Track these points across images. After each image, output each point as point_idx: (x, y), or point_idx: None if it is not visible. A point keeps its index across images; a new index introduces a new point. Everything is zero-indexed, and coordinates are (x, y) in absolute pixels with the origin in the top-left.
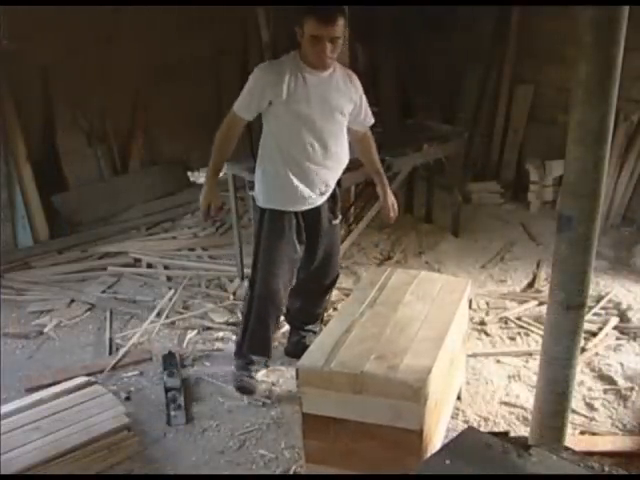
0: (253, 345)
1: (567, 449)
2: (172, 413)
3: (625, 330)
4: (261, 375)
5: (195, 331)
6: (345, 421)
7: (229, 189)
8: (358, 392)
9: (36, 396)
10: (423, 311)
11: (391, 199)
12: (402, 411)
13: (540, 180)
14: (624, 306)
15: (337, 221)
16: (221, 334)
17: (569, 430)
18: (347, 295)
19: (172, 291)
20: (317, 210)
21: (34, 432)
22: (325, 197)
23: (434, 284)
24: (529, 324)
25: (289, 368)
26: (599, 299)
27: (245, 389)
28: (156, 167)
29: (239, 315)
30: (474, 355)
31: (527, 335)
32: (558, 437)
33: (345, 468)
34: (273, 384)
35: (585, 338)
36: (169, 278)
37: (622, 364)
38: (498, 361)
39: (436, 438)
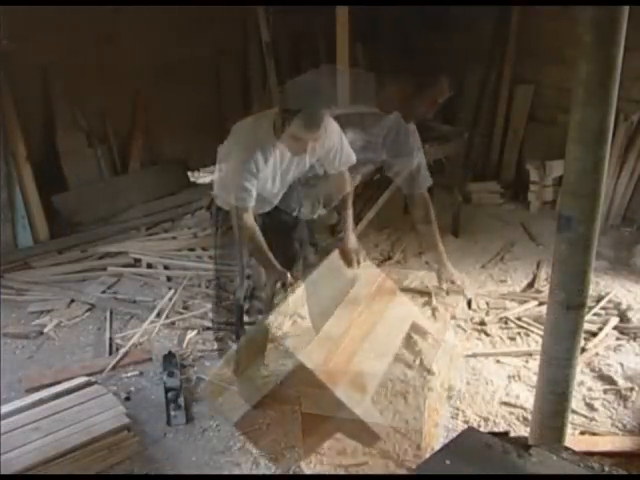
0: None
1: (567, 449)
2: (172, 413)
3: (625, 330)
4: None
5: (195, 331)
6: (344, 420)
7: None
8: (357, 391)
9: (36, 396)
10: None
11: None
12: (402, 410)
13: (540, 180)
14: (624, 306)
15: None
16: (221, 334)
17: (569, 430)
18: None
19: (172, 291)
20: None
21: (34, 432)
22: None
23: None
24: (529, 324)
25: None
26: (599, 299)
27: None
28: (156, 167)
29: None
30: (474, 355)
31: (527, 335)
32: (558, 437)
33: (344, 467)
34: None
35: (585, 338)
36: (169, 278)
37: (622, 364)
38: (498, 361)
39: (436, 438)
